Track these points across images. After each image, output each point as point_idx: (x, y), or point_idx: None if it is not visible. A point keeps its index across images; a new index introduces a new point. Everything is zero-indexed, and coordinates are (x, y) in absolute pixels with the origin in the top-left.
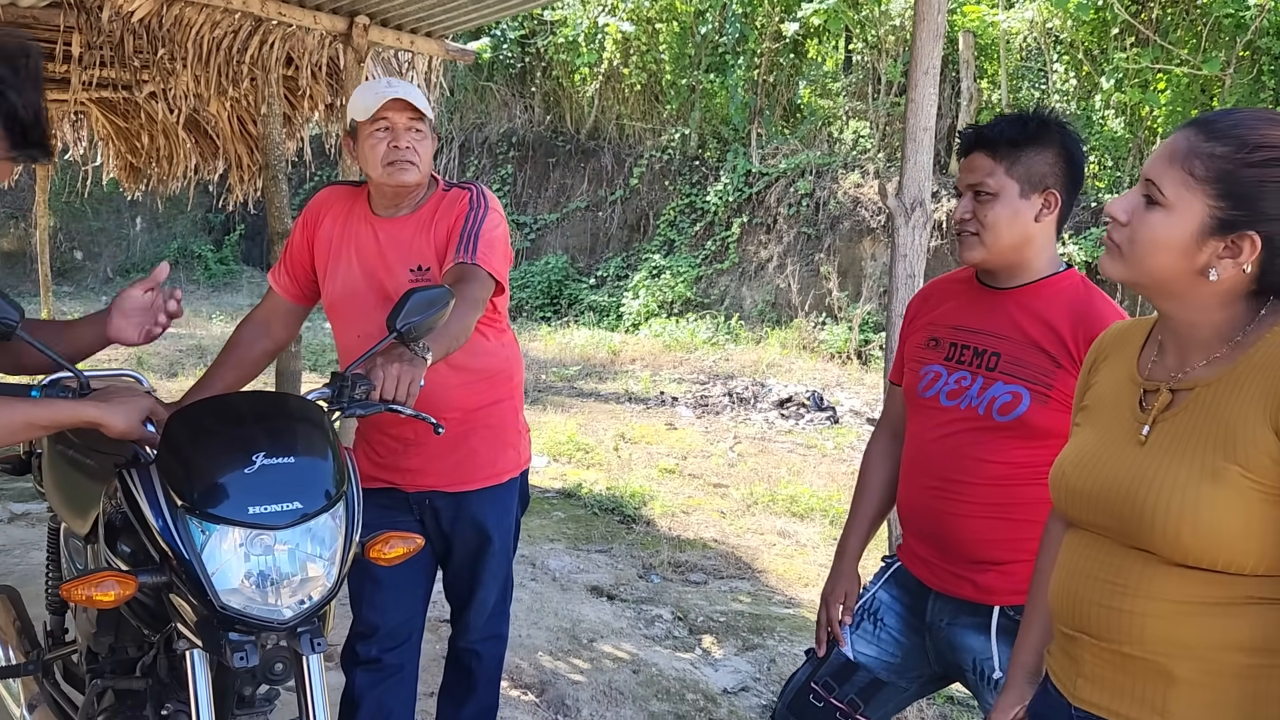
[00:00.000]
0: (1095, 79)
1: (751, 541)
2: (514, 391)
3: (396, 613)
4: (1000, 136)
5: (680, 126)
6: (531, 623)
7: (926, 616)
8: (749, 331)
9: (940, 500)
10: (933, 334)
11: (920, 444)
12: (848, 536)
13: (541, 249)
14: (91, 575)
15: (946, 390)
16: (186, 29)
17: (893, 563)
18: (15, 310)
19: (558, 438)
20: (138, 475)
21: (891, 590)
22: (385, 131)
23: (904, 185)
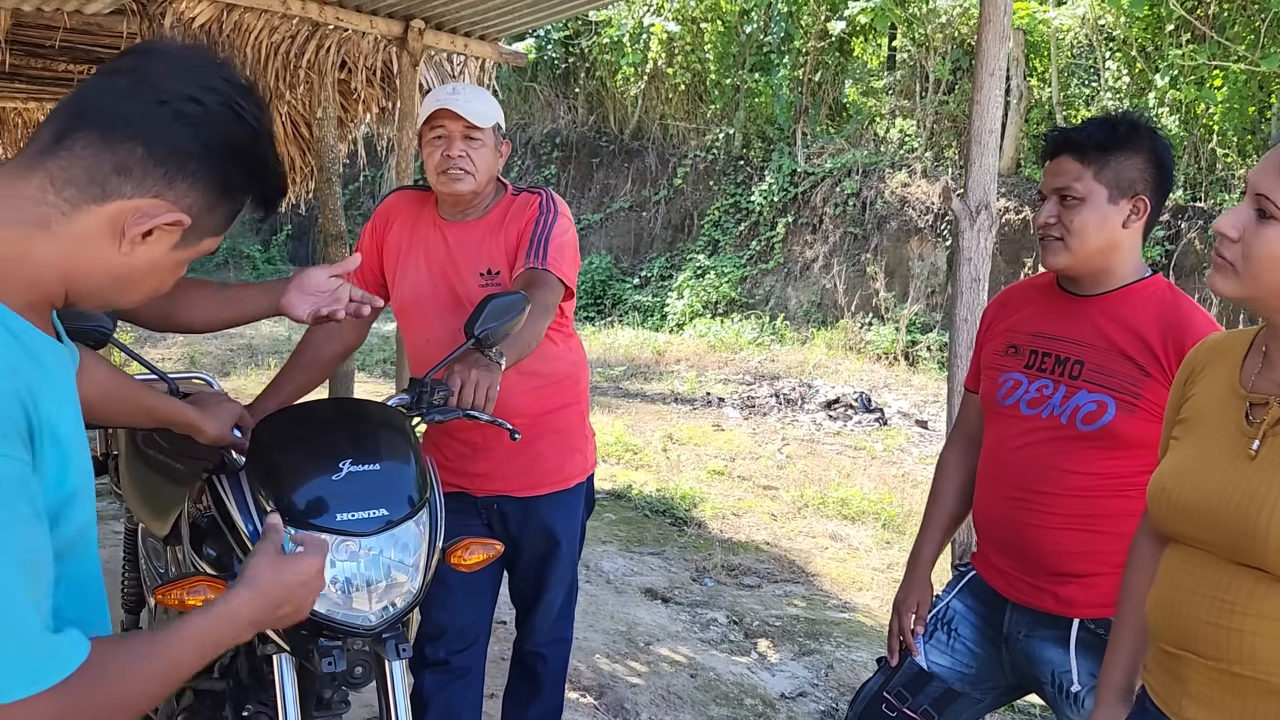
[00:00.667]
0: (1149, 76)
1: (804, 545)
2: (580, 396)
3: (464, 615)
4: (1089, 140)
5: (725, 126)
6: (588, 625)
7: (1004, 628)
8: (794, 332)
9: (1021, 511)
10: (1011, 341)
11: (999, 453)
12: (921, 545)
13: (585, 249)
14: (184, 580)
15: (1027, 399)
16: (245, 34)
17: (967, 572)
18: (110, 320)
19: (606, 438)
20: (227, 481)
21: (966, 600)
22: (440, 140)
23: (969, 188)
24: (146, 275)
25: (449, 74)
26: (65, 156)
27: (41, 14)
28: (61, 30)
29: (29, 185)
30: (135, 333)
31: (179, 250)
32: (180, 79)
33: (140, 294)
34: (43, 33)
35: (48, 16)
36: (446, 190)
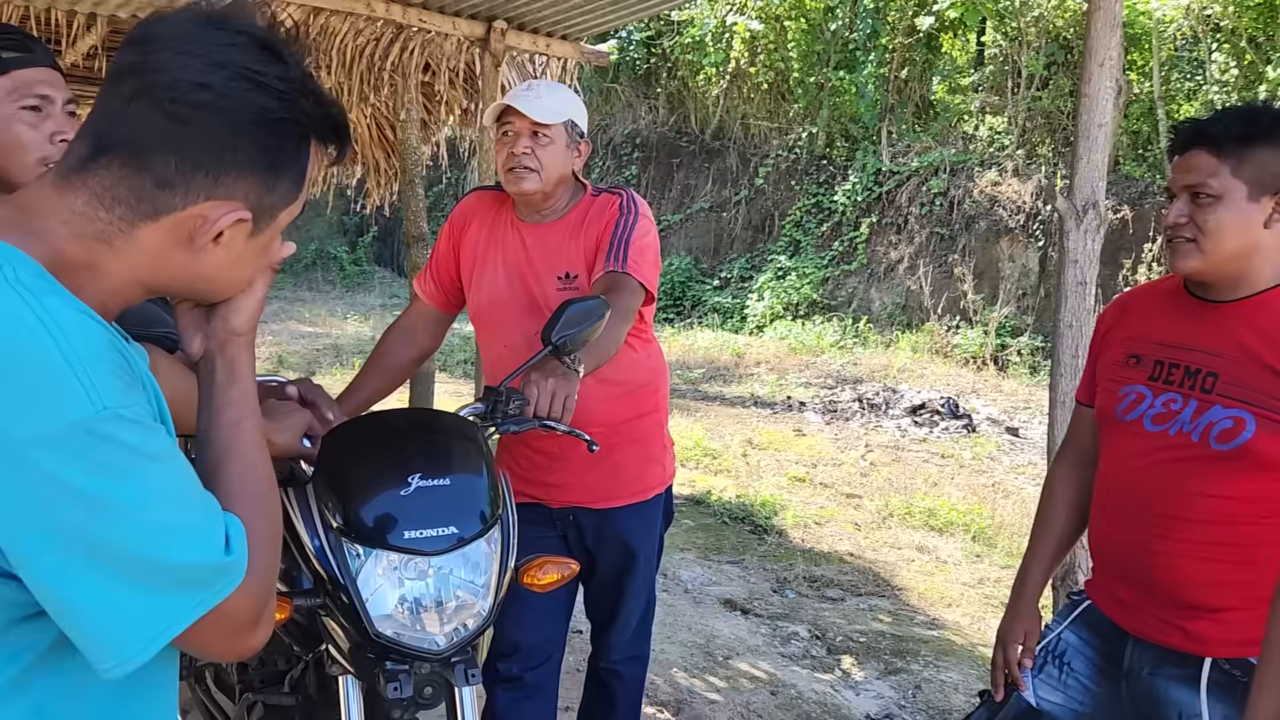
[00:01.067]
0: (1260, 68)
1: (889, 556)
2: (659, 404)
3: (538, 631)
4: (1226, 132)
5: (807, 125)
6: (665, 637)
7: (1124, 664)
8: (878, 335)
9: (1146, 537)
10: (1133, 350)
11: (1121, 473)
12: (1028, 569)
13: (665, 250)
14: None
15: (1152, 414)
16: (331, 37)
17: (1080, 601)
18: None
19: (684, 442)
20: (294, 494)
21: (1080, 632)
22: (507, 137)
23: (1075, 185)
24: (234, 267)
25: (531, 75)
26: (105, 176)
27: (138, 19)
28: None
29: (78, 200)
30: None
31: (257, 236)
32: (184, 66)
33: (237, 284)
34: None
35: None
36: (512, 189)
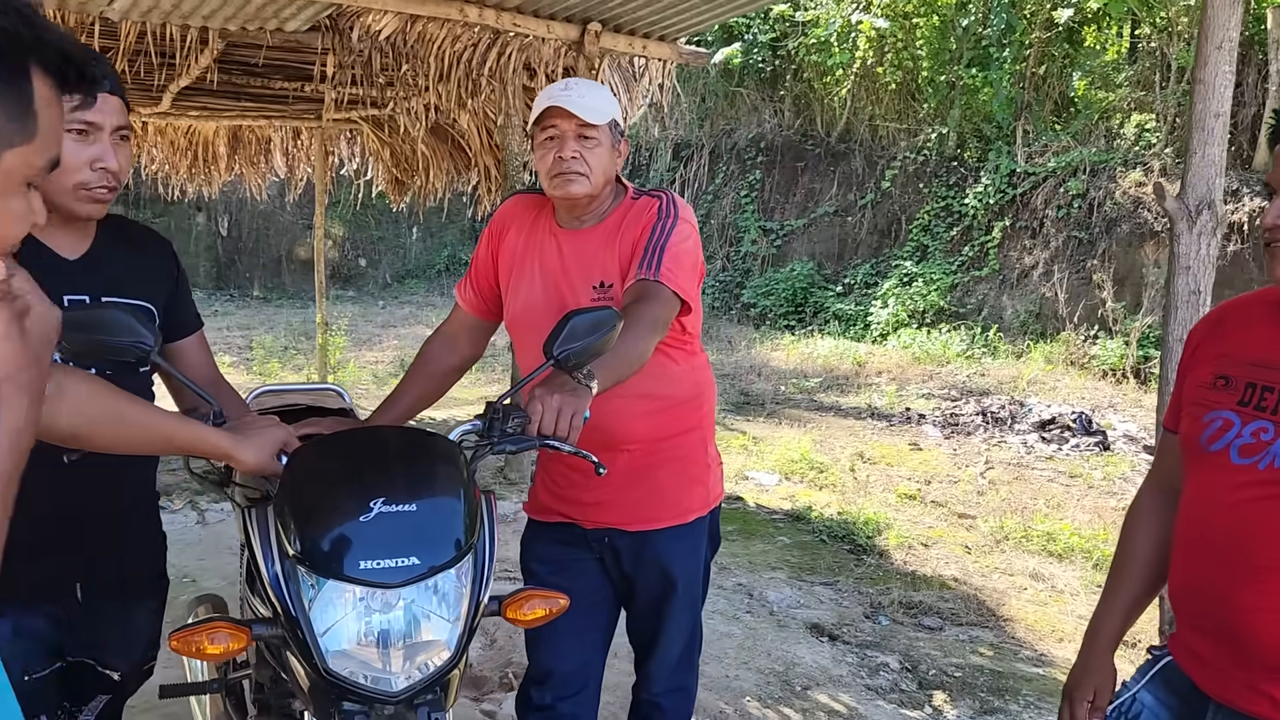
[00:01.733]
0: None
1: (999, 583)
2: (703, 420)
3: (572, 658)
4: None
5: (937, 125)
6: (741, 662)
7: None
8: (1008, 344)
9: (1230, 587)
10: (1223, 370)
11: (1204, 511)
12: (1102, 617)
13: (787, 255)
14: (203, 625)
15: (1239, 444)
16: (429, 44)
17: (1161, 656)
18: (151, 334)
19: (790, 454)
20: (255, 516)
21: (1157, 692)
22: (552, 140)
23: (1187, 183)
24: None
25: (631, 76)
26: None
27: (246, 33)
28: (265, 49)
29: None
30: (351, 335)
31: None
32: None
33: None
34: (251, 52)
35: (252, 36)
36: (559, 194)
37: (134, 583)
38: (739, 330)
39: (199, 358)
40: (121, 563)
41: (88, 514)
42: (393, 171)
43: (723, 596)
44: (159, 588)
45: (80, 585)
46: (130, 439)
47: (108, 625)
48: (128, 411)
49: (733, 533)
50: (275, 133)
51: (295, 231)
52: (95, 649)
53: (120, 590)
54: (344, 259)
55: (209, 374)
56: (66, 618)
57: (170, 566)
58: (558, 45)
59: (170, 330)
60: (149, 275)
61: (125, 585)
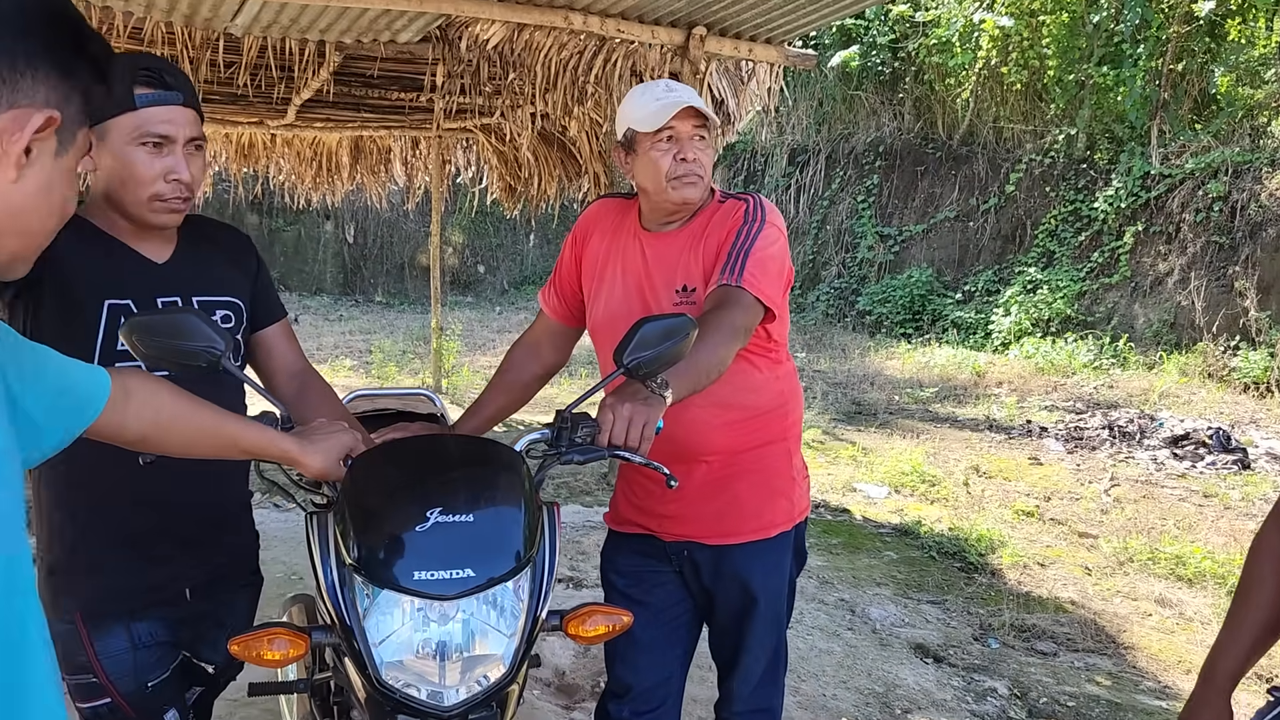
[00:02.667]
0: None
1: (1120, 608)
2: (789, 431)
3: (652, 673)
4: None
5: (1065, 126)
6: (840, 681)
7: None
8: (1139, 355)
9: None
10: None
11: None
12: (1220, 652)
13: (905, 262)
14: (262, 630)
15: None
16: (536, 52)
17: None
18: (221, 339)
19: (901, 466)
20: (316, 523)
21: None
22: (670, 143)
23: None
24: (45, 194)
25: (739, 80)
26: None
27: (361, 45)
28: (379, 60)
29: None
30: (466, 340)
31: (61, 157)
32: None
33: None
34: (366, 64)
35: (367, 48)
36: (677, 199)
37: (232, 579)
38: (853, 338)
39: (285, 346)
40: (221, 560)
41: (189, 514)
42: (505, 179)
43: (823, 612)
44: (253, 583)
45: (189, 588)
46: (197, 442)
47: (207, 621)
48: (194, 415)
49: (837, 546)
50: (395, 142)
51: (418, 239)
52: (194, 644)
53: (219, 587)
54: (463, 265)
55: (296, 363)
56: (178, 617)
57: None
58: (663, 50)
59: (256, 320)
60: (233, 271)
61: (224, 582)
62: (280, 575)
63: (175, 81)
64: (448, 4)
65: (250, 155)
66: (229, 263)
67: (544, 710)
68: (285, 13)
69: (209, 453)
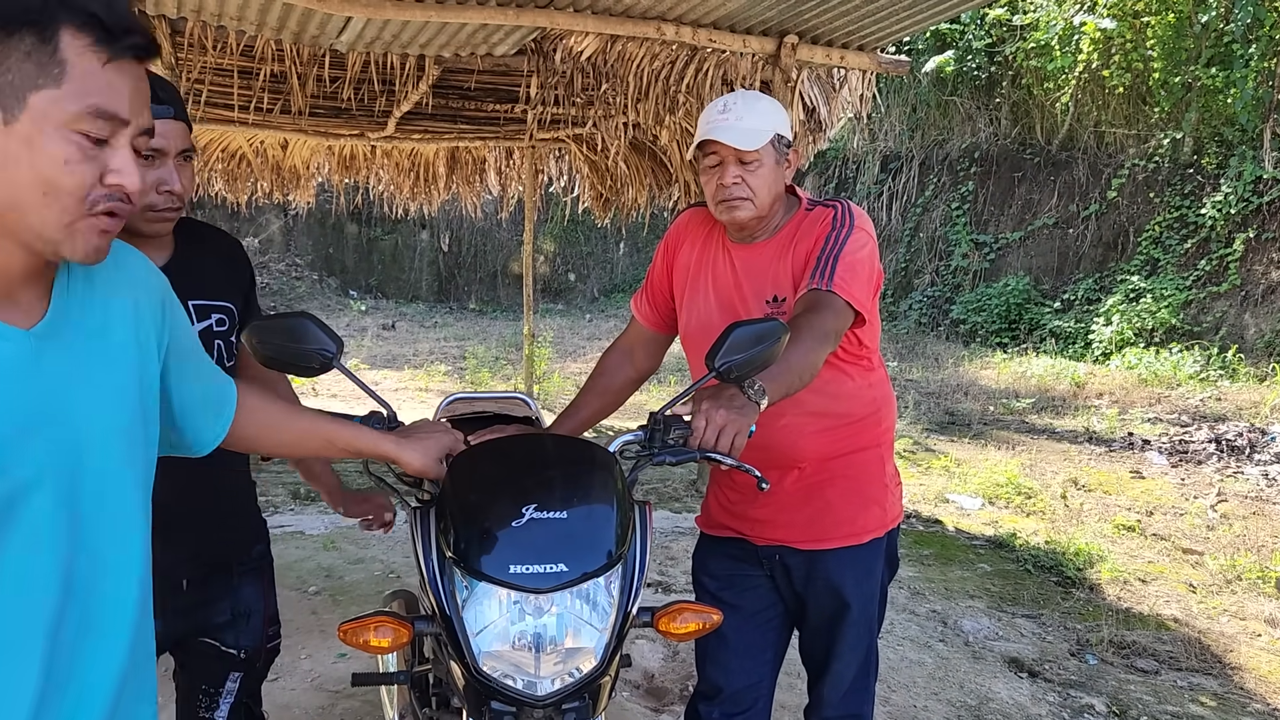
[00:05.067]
0: None
1: (1227, 627)
2: (881, 438)
3: (742, 675)
4: None
5: (1171, 131)
6: (931, 693)
7: None
8: (1250, 367)
9: None
10: None
11: None
12: None
13: (1001, 270)
14: (369, 618)
15: None
16: (628, 63)
17: None
18: (335, 342)
19: (996, 478)
20: (419, 517)
21: None
22: (715, 168)
23: None
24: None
25: (830, 87)
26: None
27: (459, 59)
28: (476, 73)
29: None
30: (556, 347)
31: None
32: None
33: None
34: (464, 77)
35: (464, 61)
36: (725, 219)
37: (237, 566)
38: (946, 347)
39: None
40: (220, 550)
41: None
42: (597, 188)
43: (914, 623)
44: (262, 567)
45: (186, 579)
46: (301, 443)
47: (218, 608)
48: (297, 418)
49: (929, 557)
50: (489, 153)
51: (510, 247)
52: (213, 631)
53: (224, 575)
54: (554, 273)
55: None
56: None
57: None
58: (754, 59)
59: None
60: (228, 276)
61: (228, 569)
62: (379, 573)
63: (166, 95)
64: (543, 17)
65: (351, 166)
66: (223, 267)
67: (633, 712)
68: (388, 29)
69: (309, 452)
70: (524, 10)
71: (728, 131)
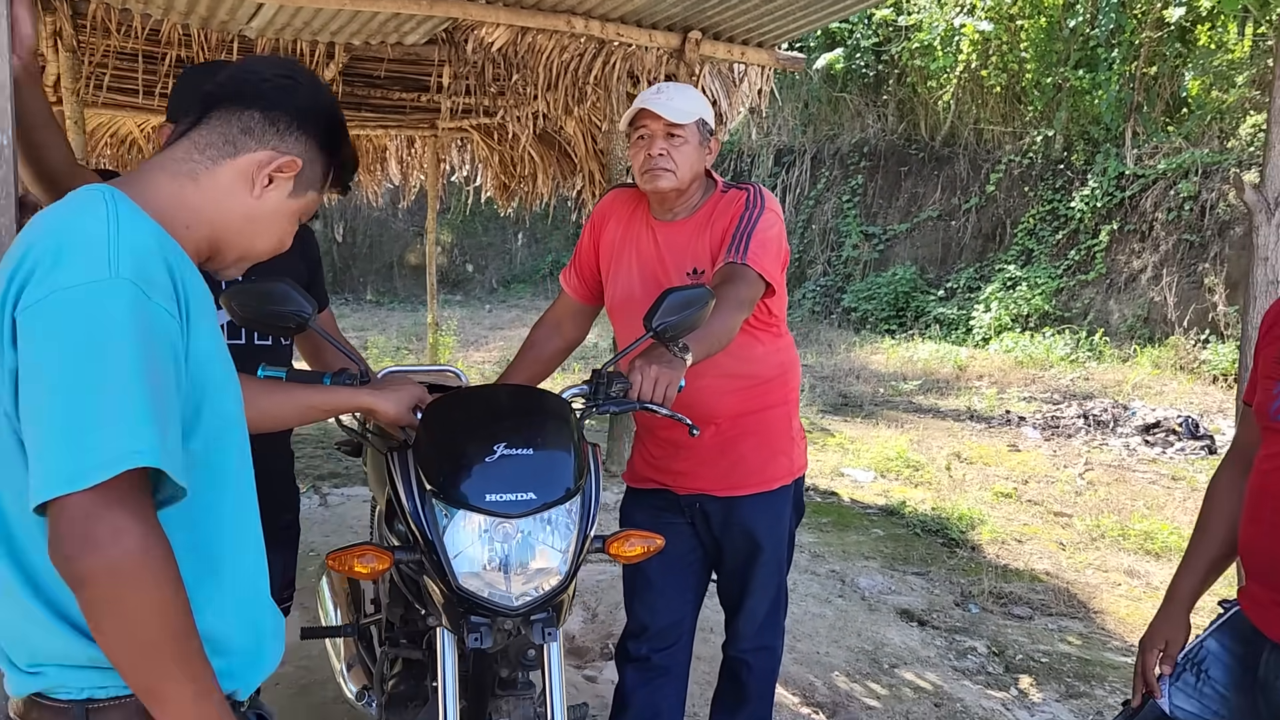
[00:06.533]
0: None
1: (1091, 579)
2: (788, 397)
3: (667, 614)
4: None
5: (1043, 128)
6: (832, 640)
7: (1259, 670)
8: (1114, 349)
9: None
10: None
11: (1267, 475)
12: (1180, 578)
13: (889, 260)
14: (354, 548)
15: None
16: (538, 55)
17: (1230, 608)
18: (310, 304)
19: (886, 453)
20: (398, 458)
21: (1223, 639)
22: (643, 140)
23: (1266, 175)
24: (273, 219)
25: (731, 82)
26: (204, 128)
27: (369, 47)
28: (386, 61)
29: (178, 151)
30: (459, 337)
31: (294, 199)
32: (274, 66)
33: (268, 240)
34: (373, 65)
35: (374, 49)
36: (650, 188)
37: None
38: (839, 334)
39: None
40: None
41: None
42: (501, 178)
43: (816, 582)
44: (290, 536)
45: None
46: (288, 417)
47: None
48: (279, 395)
49: (827, 525)
50: (390, 141)
51: (406, 238)
52: None
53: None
54: (451, 264)
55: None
56: None
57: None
58: (660, 53)
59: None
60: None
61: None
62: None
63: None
64: (455, 8)
65: None
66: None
67: None
68: (300, 16)
69: (297, 422)
70: (436, 1)
71: (660, 106)
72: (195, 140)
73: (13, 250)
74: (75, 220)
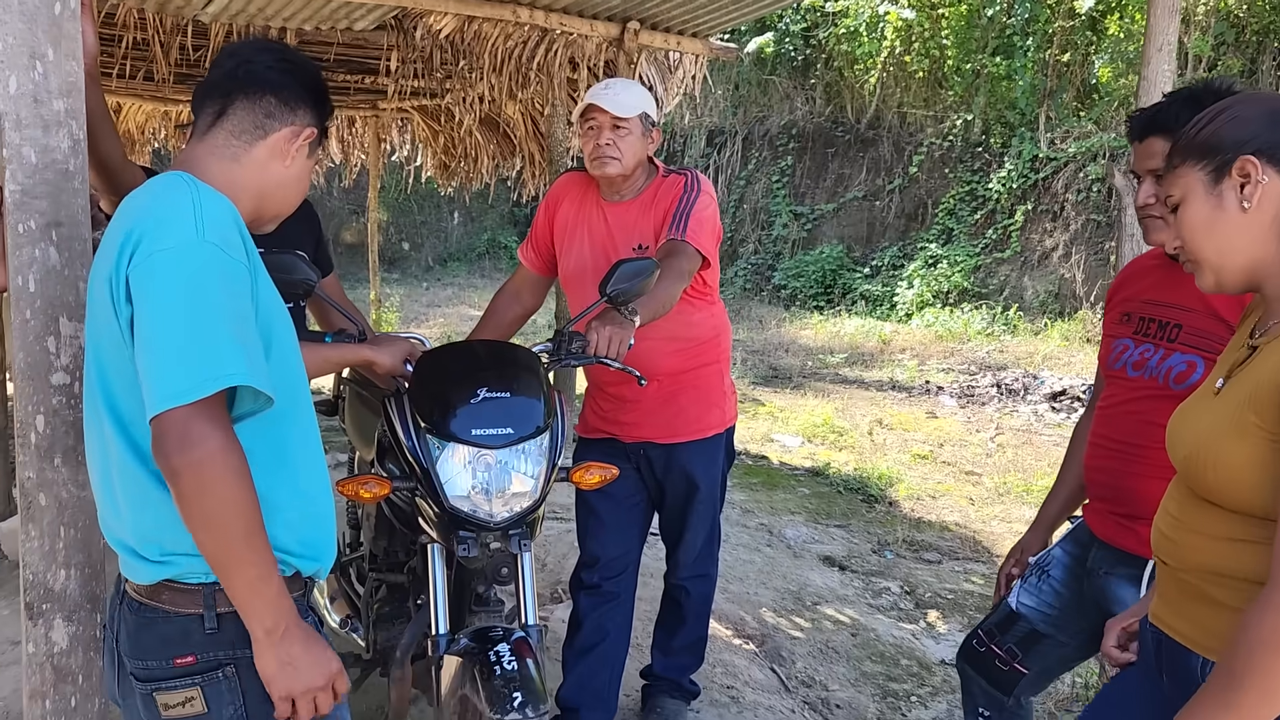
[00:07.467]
0: None
1: (996, 529)
2: (720, 357)
3: (614, 547)
4: (1176, 120)
5: (963, 113)
6: (760, 583)
7: (1088, 563)
8: (1028, 323)
9: (1119, 461)
10: (1126, 309)
11: (1107, 413)
12: (1045, 505)
13: (817, 239)
14: (359, 476)
15: (1132, 361)
16: (484, 42)
17: (1076, 522)
18: (315, 272)
19: (813, 420)
20: (394, 403)
21: (1066, 546)
22: (592, 130)
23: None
24: (299, 179)
25: (667, 69)
26: (232, 117)
27: (319, 31)
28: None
29: (216, 141)
30: (399, 313)
31: (311, 158)
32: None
33: (298, 198)
34: (321, 48)
35: (324, 34)
36: (598, 173)
37: None
38: (769, 310)
39: (336, 294)
40: None
41: None
42: (441, 157)
43: (746, 533)
44: None
45: None
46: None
47: None
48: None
49: (757, 485)
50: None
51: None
52: None
53: None
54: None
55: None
56: None
57: None
58: (600, 42)
59: None
60: (295, 230)
61: None
62: None
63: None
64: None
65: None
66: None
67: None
68: (254, 2)
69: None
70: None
71: (608, 101)
72: (228, 129)
73: (117, 226)
74: (168, 197)
